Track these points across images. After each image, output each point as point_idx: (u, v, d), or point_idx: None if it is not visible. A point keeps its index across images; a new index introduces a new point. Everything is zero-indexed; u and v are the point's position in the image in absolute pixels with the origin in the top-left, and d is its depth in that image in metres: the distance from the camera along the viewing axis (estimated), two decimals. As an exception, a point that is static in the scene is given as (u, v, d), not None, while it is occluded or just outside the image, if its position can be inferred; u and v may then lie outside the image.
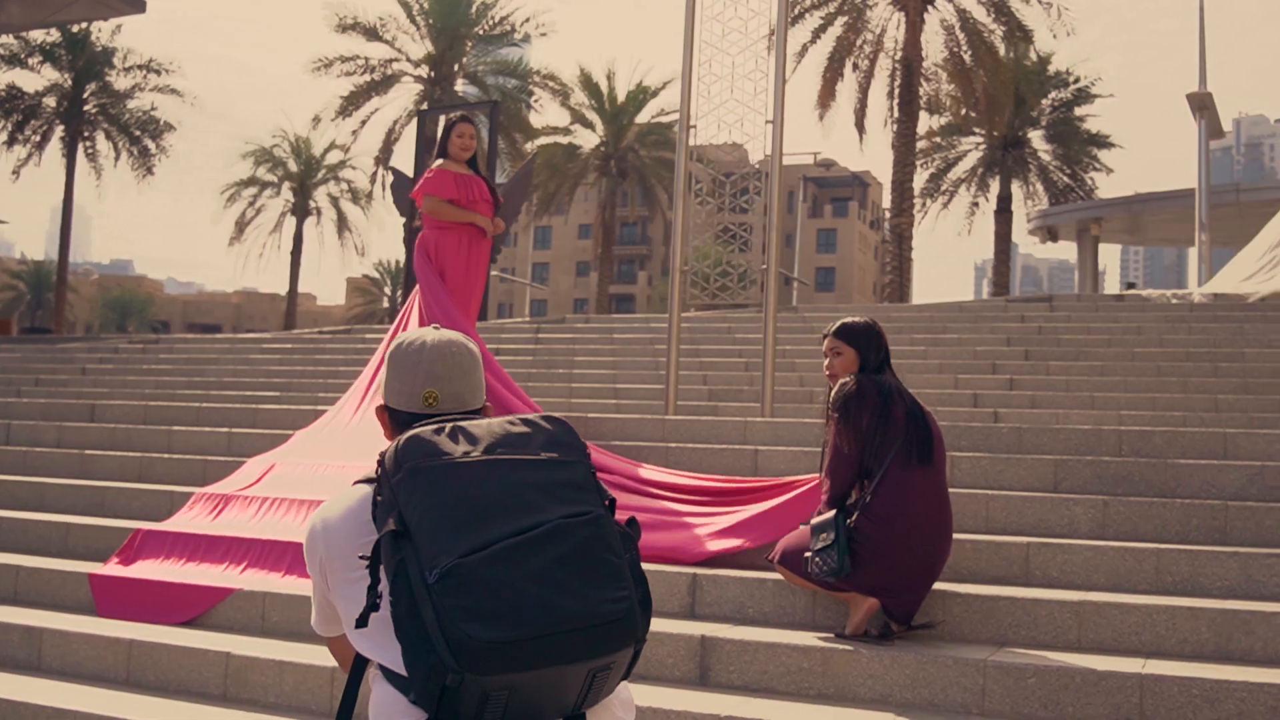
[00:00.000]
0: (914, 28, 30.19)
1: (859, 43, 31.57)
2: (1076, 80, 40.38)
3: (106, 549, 6.54)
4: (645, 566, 2.28)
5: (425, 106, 36.09)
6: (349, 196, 51.47)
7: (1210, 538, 5.46)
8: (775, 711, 4.30)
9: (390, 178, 24.82)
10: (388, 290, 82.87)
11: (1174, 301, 13.67)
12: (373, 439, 7.02)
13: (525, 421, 2.27)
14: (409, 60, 40.24)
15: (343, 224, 51.65)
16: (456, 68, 40.42)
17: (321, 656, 4.88)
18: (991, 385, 10.30)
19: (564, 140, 45.26)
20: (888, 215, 31.57)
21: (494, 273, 24.07)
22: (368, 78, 39.61)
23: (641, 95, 47.59)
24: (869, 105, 31.87)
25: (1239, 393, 9.73)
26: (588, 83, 46.31)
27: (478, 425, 2.23)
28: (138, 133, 42.14)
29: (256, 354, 14.84)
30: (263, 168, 50.95)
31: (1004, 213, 39.31)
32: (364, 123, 40.13)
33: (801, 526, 5.02)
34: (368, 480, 2.32)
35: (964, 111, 35.46)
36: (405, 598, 2.03)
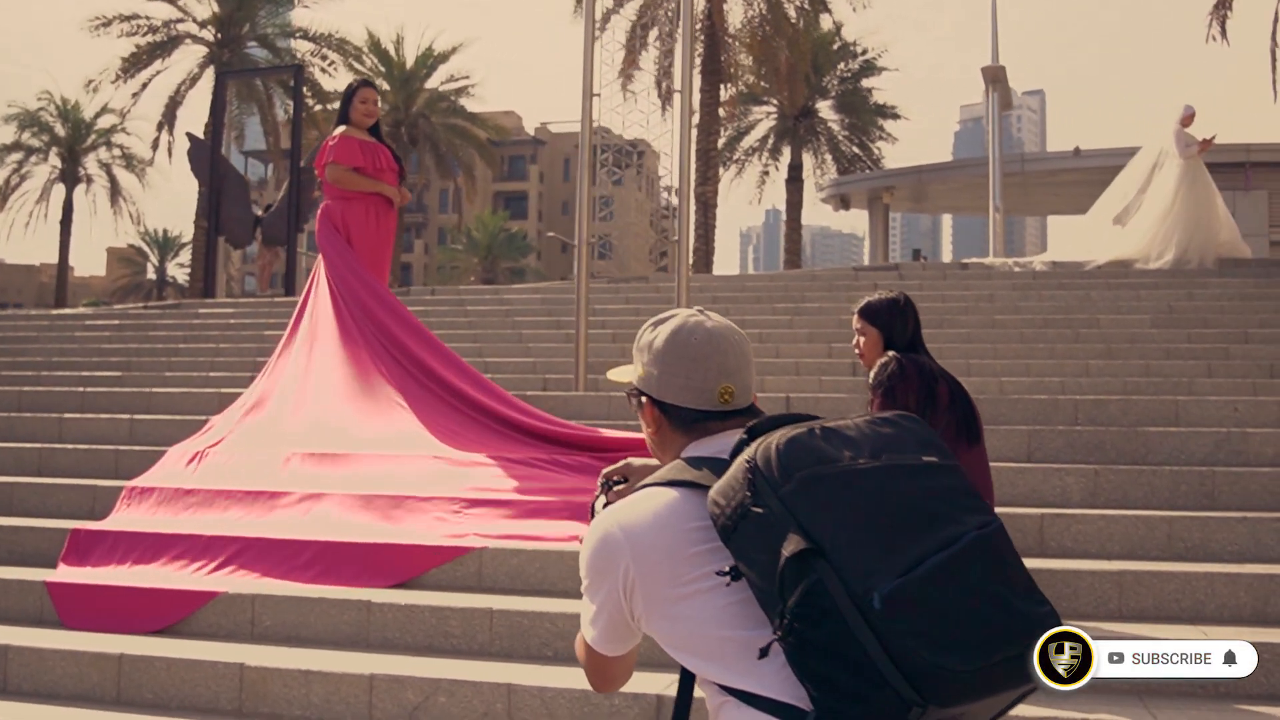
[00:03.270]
0: (718, -5, 30.42)
1: (662, 13, 31.59)
2: (864, 52, 41.42)
3: (35, 553, 5.96)
4: None
5: (213, 69, 34.45)
6: (123, 163, 48.98)
7: (1200, 503, 5.64)
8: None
9: (188, 144, 23.80)
10: (154, 261, 79.15)
11: (1017, 270, 14.14)
12: (324, 425, 6.63)
13: (887, 422, 2.08)
14: (194, 21, 38.22)
15: (116, 192, 49.09)
16: (246, 29, 38.71)
17: (353, 664, 4.55)
18: (868, 354, 10.34)
19: (352, 106, 43.95)
20: (693, 183, 31.73)
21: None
22: (150, 38, 37.53)
23: (430, 60, 46.79)
24: (672, 73, 31.91)
25: (1105, 358, 10.08)
26: (376, 47, 45.26)
27: (847, 427, 2.01)
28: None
29: (81, 331, 13.91)
30: (28, 133, 47.97)
31: (795, 181, 39.95)
32: (145, 86, 38.04)
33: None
34: (671, 483, 2.07)
35: (758, 81, 35.95)
36: (831, 624, 1.80)
